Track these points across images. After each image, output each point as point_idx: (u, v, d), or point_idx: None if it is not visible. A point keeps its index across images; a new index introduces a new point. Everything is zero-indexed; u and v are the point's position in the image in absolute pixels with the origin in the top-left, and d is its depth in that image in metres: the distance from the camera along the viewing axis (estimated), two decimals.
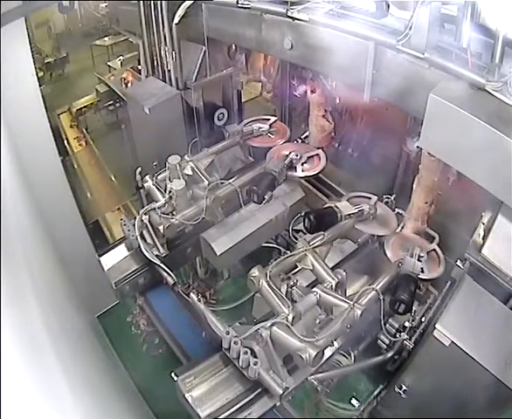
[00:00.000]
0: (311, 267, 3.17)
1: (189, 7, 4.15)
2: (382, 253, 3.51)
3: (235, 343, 2.77)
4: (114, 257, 3.93)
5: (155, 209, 3.67)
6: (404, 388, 3.22)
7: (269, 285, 2.94)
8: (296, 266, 3.25)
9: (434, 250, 3.45)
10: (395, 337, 3.40)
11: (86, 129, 8.48)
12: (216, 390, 2.88)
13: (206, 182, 3.82)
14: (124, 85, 7.36)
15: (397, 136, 4.35)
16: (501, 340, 2.69)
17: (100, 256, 3.91)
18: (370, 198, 3.78)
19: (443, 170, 3.23)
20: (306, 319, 2.89)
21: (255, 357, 2.75)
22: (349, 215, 3.48)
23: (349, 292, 3.20)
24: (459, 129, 2.44)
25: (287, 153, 4.13)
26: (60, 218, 4.36)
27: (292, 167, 4.08)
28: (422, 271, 3.19)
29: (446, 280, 3.27)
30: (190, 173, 3.88)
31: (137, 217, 3.67)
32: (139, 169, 5.18)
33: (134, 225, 3.67)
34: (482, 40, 2.54)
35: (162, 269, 3.63)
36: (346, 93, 4.18)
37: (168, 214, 3.71)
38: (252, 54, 5.56)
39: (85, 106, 8.56)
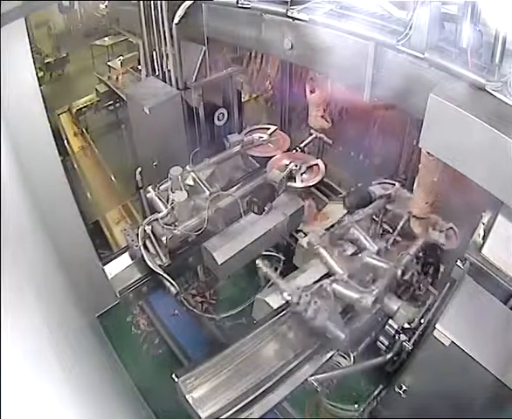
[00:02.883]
0: (354, 237, 3.66)
1: (189, 7, 4.14)
2: None
3: (306, 296, 3.07)
4: (118, 266, 3.99)
5: (157, 219, 3.75)
6: (404, 388, 3.22)
7: (325, 249, 3.48)
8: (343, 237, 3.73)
9: (451, 228, 3.67)
10: (394, 339, 3.41)
11: (86, 129, 8.48)
12: (217, 391, 2.88)
13: (207, 193, 3.89)
14: (115, 78, 7.39)
15: (397, 136, 4.35)
16: (501, 340, 2.69)
17: (103, 265, 3.96)
18: (394, 184, 4.16)
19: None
20: (357, 278, 3.34)
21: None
22: (380, 196, 3.98)
23: None
24: (459, 129, 2.44)
25: (287, 163, 4.27)
26: (60, 218, 4.34)
27: (291, 177, 4.24)
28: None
29: (445, 280, 3.27)
30: (191, 183, 3.94)
31: (140, 228, 3.75)
32: (139, 169, 5.20)
33: (137, 235, 3.75)
34: (482, 40, 2.54)
35: (165, 278, 3.70)
36: (346, 94, 4.18)
37: (170, 224, 3.78)
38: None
39: (85, 106, 8.55)
